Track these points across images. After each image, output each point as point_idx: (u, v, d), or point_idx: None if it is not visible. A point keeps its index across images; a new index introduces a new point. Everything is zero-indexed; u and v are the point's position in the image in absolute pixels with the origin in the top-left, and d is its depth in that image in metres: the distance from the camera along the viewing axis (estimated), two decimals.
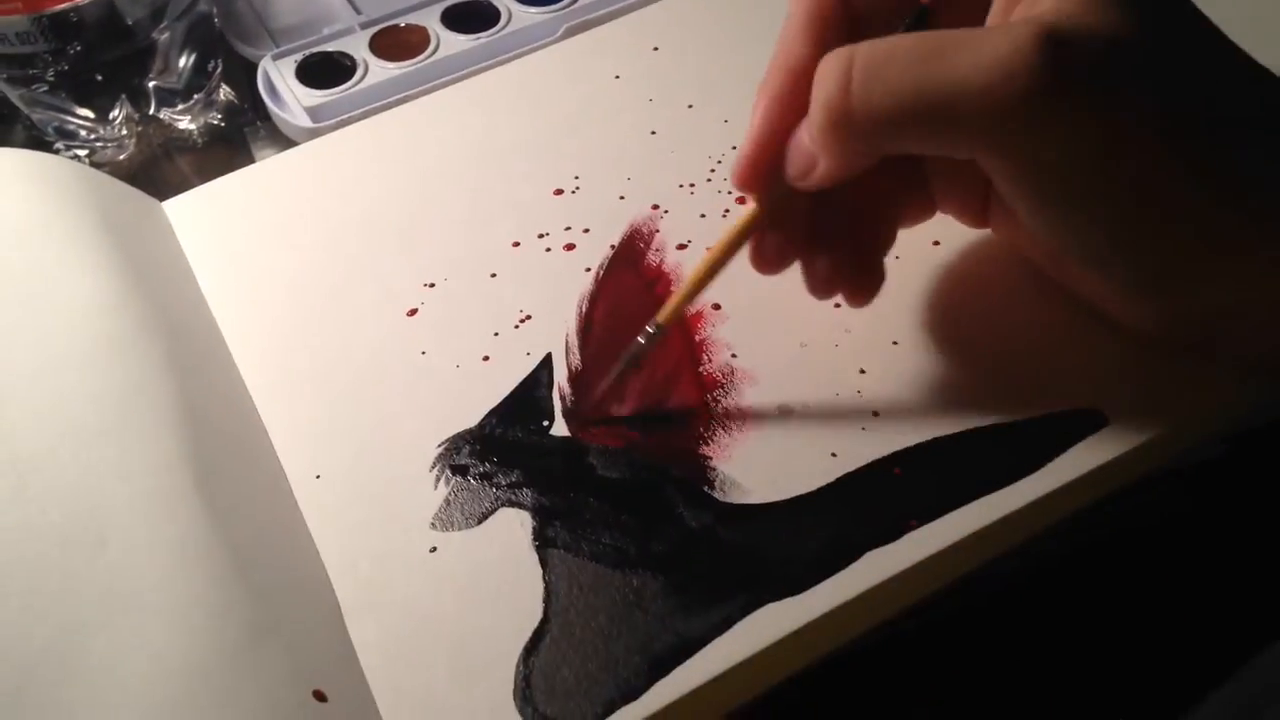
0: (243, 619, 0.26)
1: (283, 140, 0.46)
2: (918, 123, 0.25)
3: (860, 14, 0.28)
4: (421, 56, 0.45)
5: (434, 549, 0.28)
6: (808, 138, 0.27)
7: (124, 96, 0.46)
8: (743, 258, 0.30)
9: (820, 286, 0.30)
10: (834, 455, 0.29)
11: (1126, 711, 0.30)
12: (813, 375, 0.31)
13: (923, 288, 0.32)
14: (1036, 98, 0.23)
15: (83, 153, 0.47)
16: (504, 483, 0.30)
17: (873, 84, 0.25)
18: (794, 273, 0.33)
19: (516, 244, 0.36)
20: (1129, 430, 0.28)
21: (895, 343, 0.31)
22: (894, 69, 0.24)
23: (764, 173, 0.29)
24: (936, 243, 0.34)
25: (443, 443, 0.31)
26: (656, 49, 0.42)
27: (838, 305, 0.32)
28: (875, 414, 0.30)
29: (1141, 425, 0.28)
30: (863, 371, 0.31)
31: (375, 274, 0.35)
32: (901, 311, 0.32)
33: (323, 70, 0.46)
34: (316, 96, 0.44)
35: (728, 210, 0.36)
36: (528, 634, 0.27)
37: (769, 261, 0.30)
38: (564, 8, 0.47)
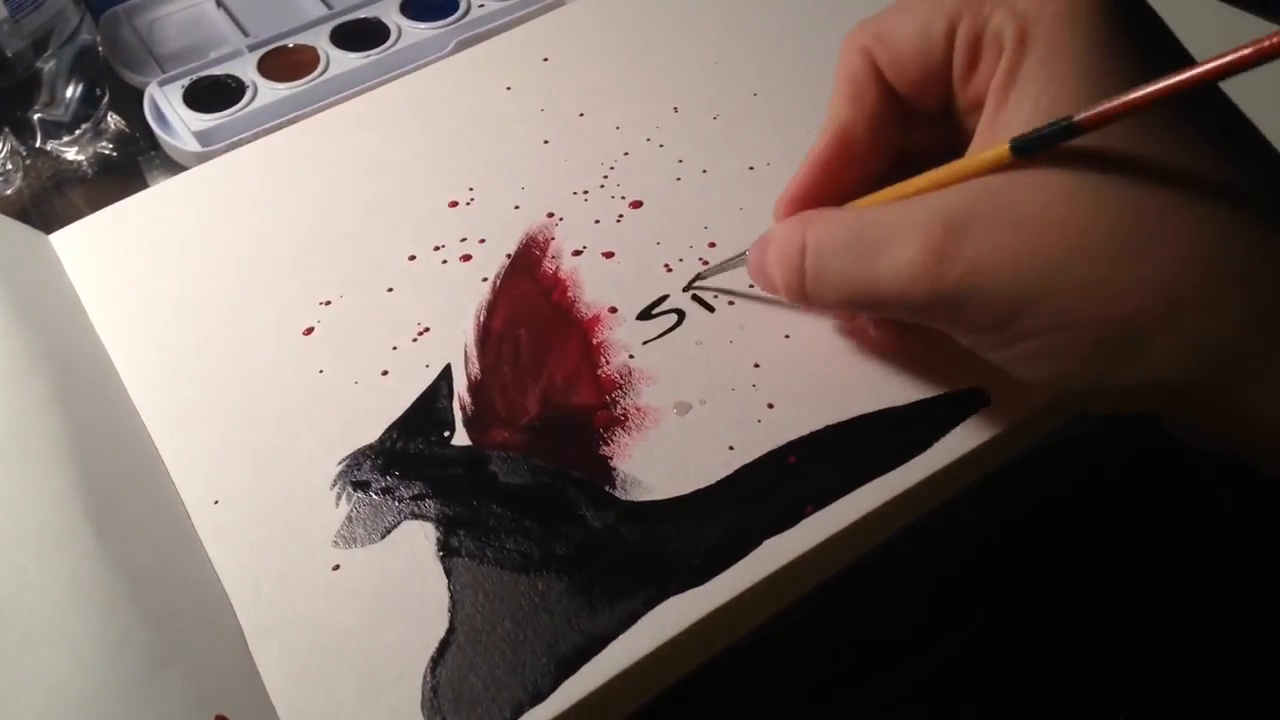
0: (140, 648, 0.26)
1: (177, 167, 0.46)
2: (863, 307, 0.29)
3: (899, 92, 0.28)
4: (311, 76, 0.45)
5: (337, 566, 0.28)
6: (771, 273, 0.29)
7: (7, 130, 0.45)
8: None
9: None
10: (731, 448, 0.30)
11: (1022, 686, 0.31)
12: (709, 372, 0.31)
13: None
14: (936, 305, 0.25)
15: None
16: (406, 495, 0.30)
17: (821, 274, 0.27)
18: (685, 276, 0.34)
19: (412, 257, 0.36)
20: (1009, 407, 0.29)
21: (787, 336, 0.32)
22: (836, 263, 0.27)
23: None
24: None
25: (343, 459, 0.31)
26: (546, 60, 0.42)
27: (731, 303, 0.33)
28: (770, 406, 0.30)
29: (1021, 402, 0.29)
30: (757, 366, 0.31)
31: (270, 295, 0.35)
32: (792, 306, 0.33)
33: (211, 94, 0.45)
34: (205, 121, 0.44)
35: (621, 215, 0.36)
36: (434, 645, 0.27)
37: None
38: (453, 22, 0.47)
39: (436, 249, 0.36)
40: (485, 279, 0.35)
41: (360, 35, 0.47)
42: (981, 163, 0.24)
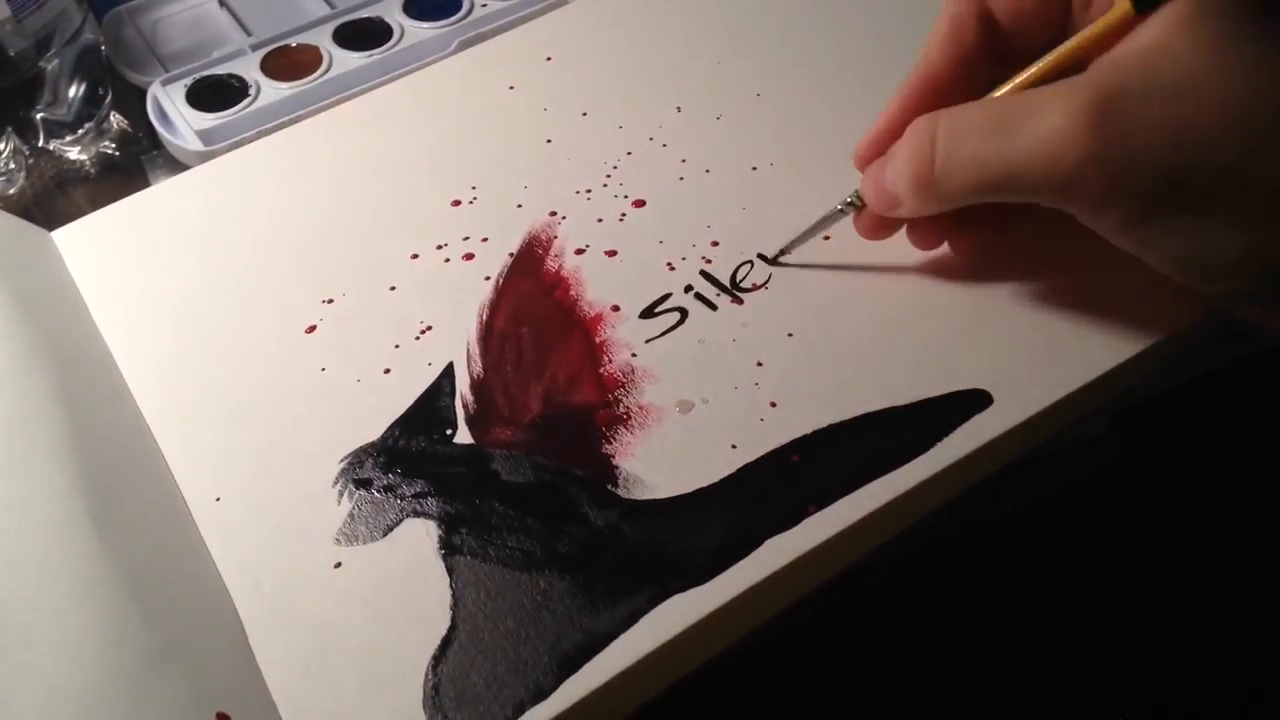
0: (140, 645, 0.26)
1: (179, 167, 0.46)
2: (993, 190, 0.27)
3: (1004, 30, 0.29)
4: (314, 76, 0.45)
5: (339, 564, 0.28)
6: (892, 183, 0.29)
7: (10, 129, 0.45)
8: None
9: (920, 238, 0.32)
10: (734, 447, 0.29)
11: (1027, 687, 0.31)
12: (711, 370, 0.31)
13: (815, 281, 0.33)
14: (1088, 171, 0.24)
15: None
16: (408, 493, 0.30)
17: (952, 158, 0.27)
18: (688, 274, 0.34)
19: (415, 256, 0.36)
20: (1013, 408, 0.29)
21: (790, 335, 0.32)
22: (970, 144, 0.26)
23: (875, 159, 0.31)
24: (827, 237, 0.34)
25: (345, 457, 0.31)
26: (549, 59, 0.42)
27: (734, 300, 0.33)
28: (773, 404, 0.30)
29: (1024, 402, 0.29)
30: (760, 364, 0.31)
31: (273, 293, 0.35)
32: (795, 304, 0.33)
33: (214, 93, 0.45)
34: (208, 120, 0.44)
35: (624, 214, 0.36)
36: (436, 643, 0.27)
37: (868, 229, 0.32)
38: (456, 22, 0.47)
39: (439, 247, 0.36)
40: (488, 277, 0.35)
41: (363, 35, 0.47)
42: (1106, 25, 0.25)
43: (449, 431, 0.31)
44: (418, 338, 0.33)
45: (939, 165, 0.27)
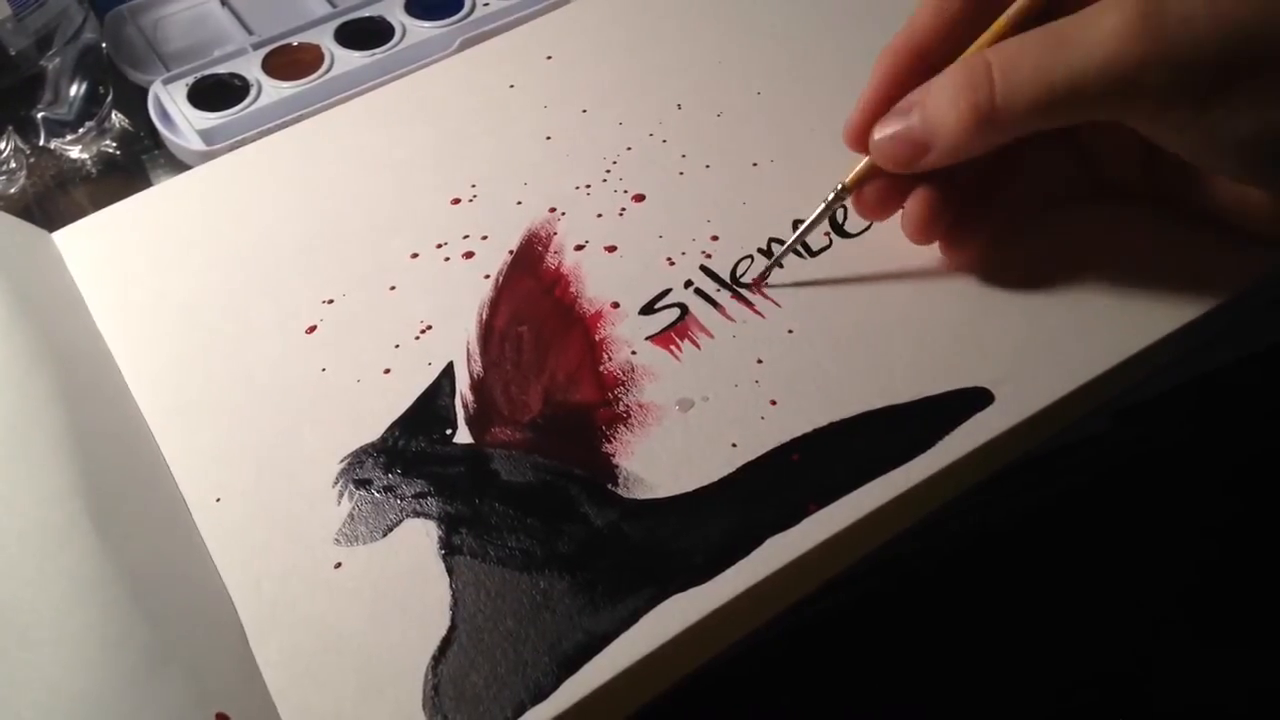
0: (140, 646, 0.26)
1: (181, 166, 0.46)
2: (1057, 107, 0.27)
3: None
4: (315, 75, 0.45)
5: (339, 565, 0.28)
6: (935, 122, 0.29)
7: (11, 128, 0.45)
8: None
9: (916, 225, 0.32)
10: (734, 445, 0.29)
11: (1027, 686, 0.31)
12: (711, 368, 0.31)
13: (816, 277, 0.33)
14: (1150, 62, 0.25)
15: None
16: (409, 493, 0.30)
17: (1014, 81, 0.27)
18: (688, 270, 0.34)
19: (415, 255, 0.36)
20: (1014, 406, 0.29)
21: (790, 331, 0.32)
22: (1029, 62, 0.27)
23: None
24: (828, 234, 0.34)
25: (345, 457, 0.30)
26: (550, 58, 0.42)
27: (735, 296, 0.33)
28: (773, 403, 0.30)
29: (1025, 401, 0.29)
30: (760, 361, 0.31)
31: (273, 293, 0.35)
32: (796, 301, 0.33)
33: (216, 93, 0.45)
34: (209, 119, 0.44)
35: (624, 209, 0.36)
36: (436, 643, 0.27)
37: (870, 206, 0.32)
38: (457, 21, 0.47)
39: (439, 246, 0.36)
40: (487, 276, 0.35)
41: (365, 34, 0.47)
42: None
43: (449, 431, 0.31)
44: (418, 337, 0.33)
45: (1000, 88, 0.27)
